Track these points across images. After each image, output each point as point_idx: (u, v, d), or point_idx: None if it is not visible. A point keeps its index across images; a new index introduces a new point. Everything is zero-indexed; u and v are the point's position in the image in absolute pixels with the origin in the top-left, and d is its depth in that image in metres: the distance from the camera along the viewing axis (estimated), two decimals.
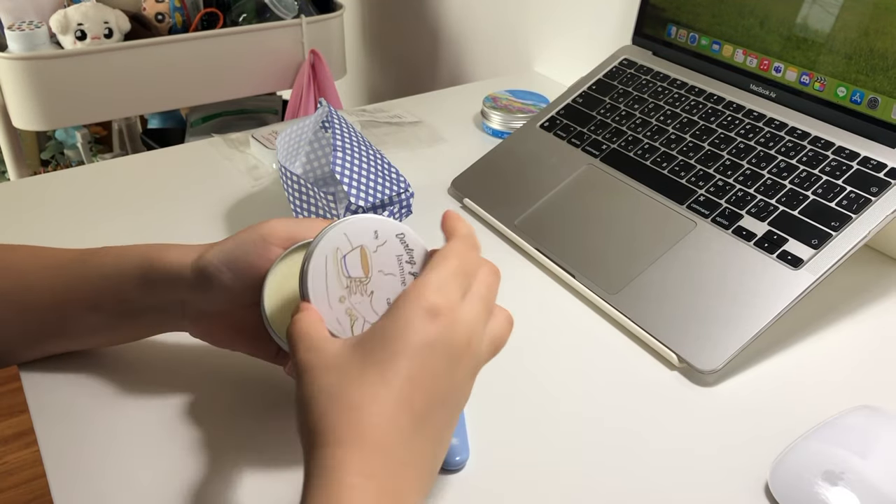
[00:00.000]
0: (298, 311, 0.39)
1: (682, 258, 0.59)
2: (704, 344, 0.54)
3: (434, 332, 0.35)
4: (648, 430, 0.49)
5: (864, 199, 0.56)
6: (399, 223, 0.41)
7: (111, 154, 1.79)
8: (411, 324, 0.35)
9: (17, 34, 1.15)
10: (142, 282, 0.47)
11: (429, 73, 1.44)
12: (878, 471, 0.43)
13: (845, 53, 0.62)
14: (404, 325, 0.35)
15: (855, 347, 0.57)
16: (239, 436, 0.48)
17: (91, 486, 0.45)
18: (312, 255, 0.39)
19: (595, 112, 0.76)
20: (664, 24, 0.78)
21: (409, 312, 0.35)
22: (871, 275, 0.65)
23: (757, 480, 0.45)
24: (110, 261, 0.49)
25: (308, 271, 0.39)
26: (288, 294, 0.45)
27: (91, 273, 0.49)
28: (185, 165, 0.82)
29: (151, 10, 1.26)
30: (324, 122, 0.72)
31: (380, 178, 0.66)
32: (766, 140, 0.65)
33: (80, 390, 0.51)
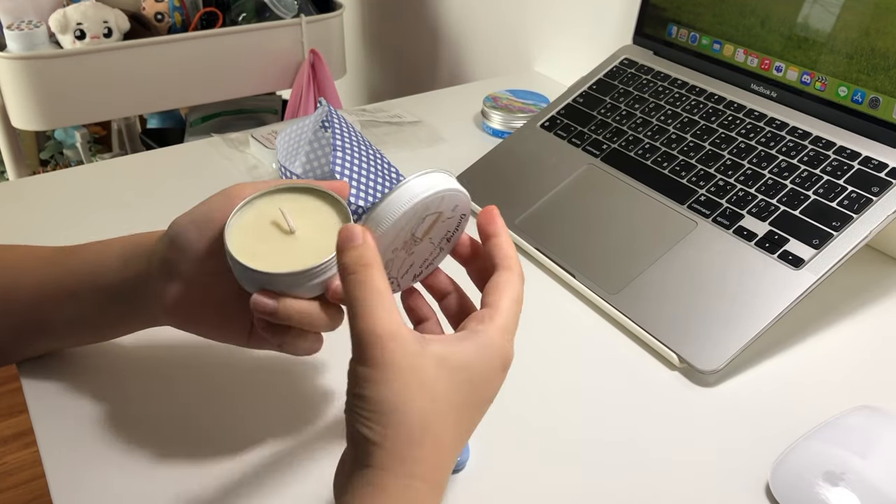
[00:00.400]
0: (362, 242, 0.36)
1: (683, 258, 0.59)
2: (705, 344, 0.54)
3: (502, 382, 0.38)
4: (649, 430, 0.49)
5: (865, 199, 0.56)
6: (469, 202, 0.41)
7: (110, 154, 1.79)
8: (495, 377, 0.38)
9: (17, 34, 1.14)
10: (120, 263, 0.47)
11: (429, 73, 1.43)
12: (878, 471, 0.43)
13: (846, 53, 0.62)
14: (490, 376, 0.37)
15: (856, 347, 0.57)
16: (239, 436, 0.48)
17: (91, 486, 0.44)
18: (415, 201, 0.38)
19: (595, 112, 0.76)
20: (665, 24, 0.78)
21: (494, 362, 0.37)
22: (872, 275, 0.65)
23: (758, 481, 0.45)
24: (94, 247, 0.49)
25: (400, 212, 0.38)
26: (253, 228, 0.43)
27: (73, 262, 0.48)
28: (185, 165, 0.82)
29: (151, 9, 1.26)
30: (324, 121, 0.71)
31: (380, 178, 0.66)
32: (766, 140, 0.65)
33: (80, 390, 0.51)
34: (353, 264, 0.35)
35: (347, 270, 0.35)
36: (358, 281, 0.35)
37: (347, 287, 0.35)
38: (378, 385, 0.34)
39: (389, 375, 0.34)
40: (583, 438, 0.49)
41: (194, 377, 0.52)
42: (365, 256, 0.36)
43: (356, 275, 0.35)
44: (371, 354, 0.34)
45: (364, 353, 0.34)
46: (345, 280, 0.36)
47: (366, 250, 0.36)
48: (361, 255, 0.36)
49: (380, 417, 0.34)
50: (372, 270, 0.35)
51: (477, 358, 0.37)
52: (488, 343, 0.37)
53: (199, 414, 0.50)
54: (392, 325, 0.34)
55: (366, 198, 0.64)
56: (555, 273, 0.64)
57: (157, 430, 0.48)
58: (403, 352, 0.34)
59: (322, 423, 0.49)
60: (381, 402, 0.34)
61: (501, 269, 0.40)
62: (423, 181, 0.39)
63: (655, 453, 0.48)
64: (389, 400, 0.34)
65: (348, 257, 0.36)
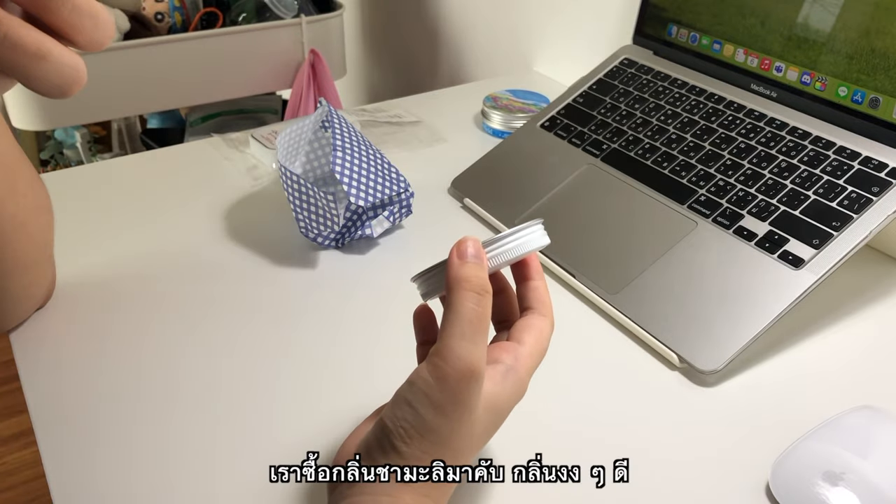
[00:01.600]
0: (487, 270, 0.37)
1: (683, 258, 0.59)
2: (705, 344, 0.54)
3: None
4: (649, 430, 0.49)
5: (865, 199, 0.56)
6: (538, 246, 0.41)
7: (110, 154, 1.79)
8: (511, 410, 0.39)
9: None
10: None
11: (429, 73, 1.43)
12: (878, 471, 0.43)
13: (846, 53, 0.62)
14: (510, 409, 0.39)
15: (856, 348, 0.57)
16: (239, 435, 0.48)
17: (91, 486, 0.44)
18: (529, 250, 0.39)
19: (595, 112, 0.76)
20: (665, 24, 0.78)
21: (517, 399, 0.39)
22: (872, 275, 0.65)
23: (757, 481, 0.45)
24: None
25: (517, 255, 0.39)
26: None
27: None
28: (185, 165, 0.82)
29: (151, 9, 1.26)
30: (323, 121, 0.72)
31: (380, 177, 0.66)
32: (766, 140, 0.65)
33: (80, 390, 0.51)
34: (478, 285, 0.35)
35: (470, 286, 0.35)
36: (477, 303, 0.35)
37: (465, 303, 0.35)
38: (444, 417, 0.34)
39: (458, 415, 0.35)
40: (582, 438, 0.49)
41: (196, 378, 0.52)
42: (486, 283, 0.36)
43: (479, 297, 0.35)
44: (455, 388, 0.34)
45: (451, 383, 0.34)
46: (463, 292, 0.35)
47: (483, 276, 0.36)
48: (484, 280, 0.36)
49: (425, 443, 0.35)
50: (489, 299, 0.36)
51: (509, 398, 0.38)
52: (519, 385, 0.38)
53: (200, 414, 0.50)
54: (483, 364, 0.35)
55: (366, 198, 0.64)
56: (555, 273, 0.64)
57: (158, 431, 0.48)
58: (476, 393, 0.35)
59: (334, 422, 0.49)
60: (433, 433, 0.35)
61: (537, 314, 0.41)
62: (539, 230, 0.40)
63: (655, 453, 0.48)
64: (444, 433, 0.35)
65: (473, 274, 0.36)
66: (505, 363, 0.38)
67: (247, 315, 0.58)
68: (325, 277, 0.63)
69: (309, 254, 0.66)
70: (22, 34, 0.26)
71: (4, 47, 0.26)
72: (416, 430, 0.34)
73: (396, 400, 0.36)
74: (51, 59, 0.27)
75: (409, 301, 0.61)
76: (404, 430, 0.35)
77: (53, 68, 0.27)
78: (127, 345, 0.55)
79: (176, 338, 0.56)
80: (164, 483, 0.45)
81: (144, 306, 0.59)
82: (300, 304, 0.60)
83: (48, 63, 0.27)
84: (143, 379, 0.52)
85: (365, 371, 0.54)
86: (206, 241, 0.67)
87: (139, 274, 0.63)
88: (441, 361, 0.34)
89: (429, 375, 0.34)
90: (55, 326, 0.56)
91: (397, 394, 0.36)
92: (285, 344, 0.56)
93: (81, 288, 0.59)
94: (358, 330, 0.58)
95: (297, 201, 0.65)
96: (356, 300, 0.61)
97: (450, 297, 0.35)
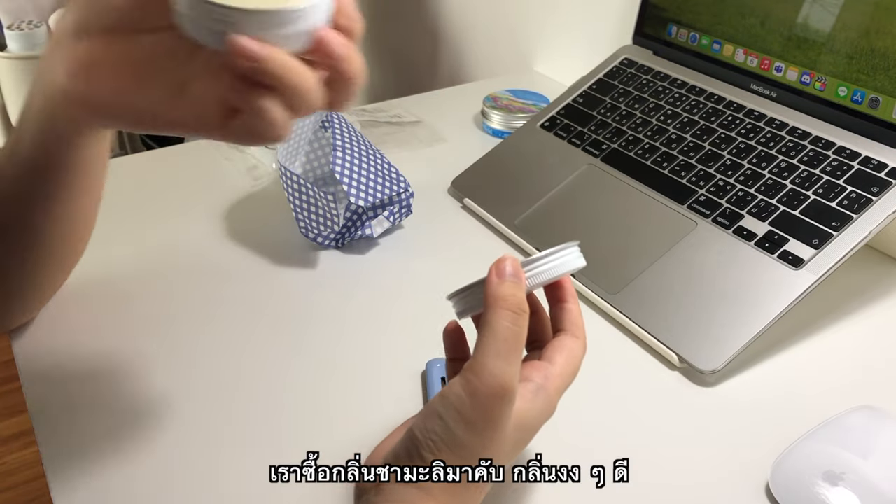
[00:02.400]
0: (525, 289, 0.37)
1: (683, 258, 0.59)
2: (705, 344, 0.54)
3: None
4: (649, 430, 0.49)
5: (864, 199, 0.56)
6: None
7: (110, 153, 1.79)
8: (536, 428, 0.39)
9: (17, 34, 1.15)
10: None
11: (429, 73, 1.43)
12: (878, 471, 0.43)
13: (846, 53, 0.62)
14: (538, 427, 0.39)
15: (856, 347, 0.57)
16: (240, 436, 0.48)
17: (91, 486, 0.44)
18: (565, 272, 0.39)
19: (595, 112, 0.76)
20: (665, 24, 0.78)
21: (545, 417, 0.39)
22: (871, 275, 0.65)
23: (757, 481, 0.45)
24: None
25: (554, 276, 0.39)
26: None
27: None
28: (185, 165, 0.82)
29: None
30: (323, 121, 0.72)
31: (380, 177, 0.66)
32: (766, 140, 0.65)
33: (80, 390, 0.51)
34: (515, 304, 0.36)
35: (508, 305, 0.36)
36: (513, 322, 0.35)
37: (502, 321, 0.35)
38: (474, 433, 0.35)
39: (489, 432, 0.35)
40: (582, 438, 0.49)
41: (196, 377, 0.52)
42: (524, 303, 0.36)
43: (516, 316, 0.35)
44: (487, 405, 0.34)
45: (482, 400, 0.34)
46: (501, 311, 0.35)
47: (522, 295, 0.36)
48: (522, 300, 0.36)
49: (453, 457, 0.35)
50: (525, 319, 0.36)
51: (538, 416, 0.38)
52: (548, 404, 0.39)
53: (200, 414, 0.50)
54: (515, 383, 0.35)
55: (366, 198, 0.64)
56: None
57: (158, 431, 0.48)
58: (507, 412, 0.35)
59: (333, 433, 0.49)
60: (462, 448, 0.35)
61: (570, 336, 0.41)
62: (575, 252, 0.40)
63: (655, 453, 0.48)
64: (473, 449, 0.35)
65: (511, 293, 0.36)
66: (535, 381, 0.38)
67: (247, 315, 0.58)
68: (325, 277, 0.63)
69: (309, 254, 0.66)
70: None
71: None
72: (445, 444, 0.35)
73: (428, 412, 0.36)
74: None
75: (408, 301, 0.61)
76: (433, 442, 0.35)
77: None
78: (127, 344, 0.55)
79: (175, 337, 0.56)
80: (165, 483, 0.45)
81: (144, 306, 0.59)
82: (300, 304, 0.60)
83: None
84: (142, 378, 0.52)
85: (365, 371, 0.54)
86: (206, 241, 0.67)
87: (139, 274, 0.63)
88: (474, 378, 0.34)
89: (461, 391, 0.35)
90: (55, 326, 0.56)
91: (429, 405, 0.36)
92: (285, 344, 0.56)
93: (81, 287, 0.59)
94: (358, 330, 0.58)
95: (297, 201, 0.65)
96: (356, 300, 0.61)
97: (487, 314, 0.36)
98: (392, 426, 0.43)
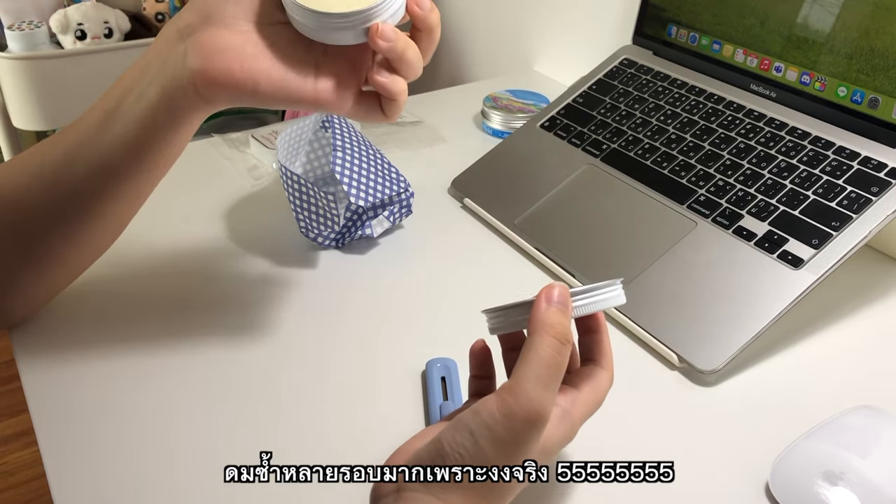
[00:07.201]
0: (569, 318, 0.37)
1: (683, 258, 0.59)
2: (705, 344, 0.54)
3: None
4: (649, 429, 0.49)
5: (864, 199, 0.56)
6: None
7: None
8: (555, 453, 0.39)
9: (17, 34, 1.15)
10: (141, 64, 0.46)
11: (429, 73, 1.43)
12: (878, 471, 0.43)
13: (846, 53, 0.62)
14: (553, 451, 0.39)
15: (855, 347, 0.57)
16: (240, 435, 0.48)
17: (91, 486, 0.44)
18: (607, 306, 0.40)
19: (595, 112, 0.76)
20: (664, 24, 0.78)
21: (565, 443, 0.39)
22: (871, 275, 0.65)
23: (757, 480, 0.45)
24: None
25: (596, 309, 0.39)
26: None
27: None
28: (185, 165, 0.81)
29: (151, 9, 1.26)
30: (324, 121, 0.72)
31: (380, 177, 0.66)
32: (766, 140, 0.65)
33: (80, 390, 0.51)
34: (562, 333, 0.36)
35: (555, 333, 0.36)
36: (558, 352, 0.36)
37: (547, 349, 0.35)
38: (502, 454, 0.35)
39: (517, 453, 0.35)
40: (582, 438, 0.48)
41: (194, 377, 0.52)
42: (570, 333, 0.36)
43: (562, 346, 0.36)
44: (520, 428, 0.35)
45: (516, 423, 0.34)
46: (548, 338, 0.36)
47: (567, 324, 0.37)
48: (567, 331, 0.36)
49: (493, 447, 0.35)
50: (569, 349, 0.36)
51: (560, 441, 0.38)
52: (571, 431, 0.39)
53: (199, 413, 0.50)
54: (550, 411, 0.35)
55: (366, 198, 0.64)
56: (554, 273, 0.64)
57: (158, 430, 0.48)
58: (538, 437, 0.35)
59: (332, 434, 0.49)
60: (490, 465, 0.35)
61: (598, 366, 0.41)
62: (619, 288, 0.40)
63: (655, 453, 0.48)
64: (498, 467, 0.35)
65: (559, 322, 0.36)
66: (562, 406, 0.38)
67: (246, 315, 0.58)
68: (325, 277, 0.63)
69: (309, 254, 0.66)
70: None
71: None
72: (472, 459, 0.35)
73: (457, 425, 0.36)
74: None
75: (408, 301, 0.61)
76: (460, 455, 0.35)
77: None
78: (126, 344, 0.55)
79: (175, 337, 0.56)
80: (165, 483, 0.45)
81: (144, 306, 0.59)
82: (299, 303, 0.60)
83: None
84: (142, 378, 0.52)
85: (365, 371, 0.54)
86: (206, 240, 0.67)
87: (138, 274, 0.63)
88: (512, 399, 0.35)
89: (496, 410, 0.35)
90: (55, 326, 0.56)
91: (459, 419, 0.36)
92: (285, 344, 0.56)
93: (81, 287, 0.59)
94: (358, 330, 0.58)
95: (297, 201, 0.65)
96: (356, 300, 0.61)
97: (532, 338, 0.36)
98: (392, 426, 0.43)
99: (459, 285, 0.62)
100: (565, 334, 0.36)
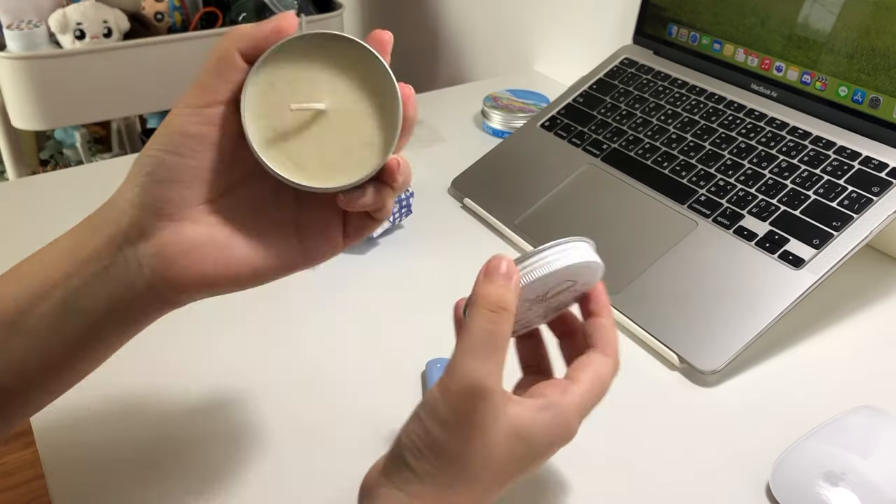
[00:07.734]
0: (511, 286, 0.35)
1: (683, 258, 0.59)
2: (705, 344, 0.54)
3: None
4: (649, 430, 0.49)
5: (865, 199, 0.56)
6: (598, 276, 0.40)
7: (110, 154, 1.78)
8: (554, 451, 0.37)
9: (17, 34, 1.14)
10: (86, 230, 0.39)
11: (429, 73, 1.43)
12: (879, 471, 0.43)
13: (847, 53, 0.62)
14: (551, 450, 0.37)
15: (856, 347, 0.57)
16: (240, 436, 0.48)
17: (90, 486, 0.44)
18: (574, 262, 0.37)
19: (596, 112, 0.76)
20: (665, 24, 0.78)
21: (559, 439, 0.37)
22: (872, 275, 0.65)
23: (758, 481, 0.45)
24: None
25: (557, 268, 0.37)
26: (267, 113, 0.36)
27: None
28: None
29: (150, 9, 1.26)
30: None
31: None
32: (767, 140, 0.65)
33: (80, 390, 0.51)
34: (493, 302, 0.35)
35: (485, 303, 0.35)
36: (489, 321, 0.34)
37: (476, 319, 0.34)
38: (450, 433, 0.34)
39: (465, 431, 0.34)
40: (581, 438, 0.48)
41: (194, 377, 0.52)
42: (506, 300, 0.35)
43: (493, 314, 0.34)
44: (459, 403, 0.34)
45: (453, 398, 0.34)
46: (476, 309, 0.35)
47: (509, 294, 0.35)
48: (503, 298, 0.35)
49: (435, 459, 0.34)
50: (506, 317, 0.35)
51: (545, 433, 0.36)
52: (561, 422, 0.37)
53: (199, 414, 0.50)
54: (491, 381, 0.34)
55: None
56: None
57: (158, 431, 0.48)
58: (486, 412, 0.34)
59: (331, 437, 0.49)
60: (444, 449, 0.34)
61: (599, 353, 0.40)
62: (584, 246, 0.39)
63: (655, 453, 0.47)
64: (452, 451, 0.34)
65: (491, 291, 0.35)
66: (548, 397, 0.37)
67: (246, 314, 0.58)
68: (326, 277, 0.63)
69: None
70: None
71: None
72: (425, 445, 0.34)
73: (412, 415, 0.35)
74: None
75: (408, 301, 0.61)
76: (414, 443, 0.34)
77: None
78: (128, 344, 0.55)
79: (174, 337, 0.56)
80: (165, 482, 0.45)
81: None
82: (299, 303, 0.60)
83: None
84: (142, 378, 0.52)
85: (365, 371, 0.54)
86: None
87: None
88: (447, 377, 0.34)
89: (435, 390, 0.34)
90: None
91: (414, 409, 0.36)
92: (284, 343, 0.56)
93: None
94: (357, 330, 0.57)
95: None
96: (356, 300, 0.61)
97: (467, 314, 0.35)
98: (392, 426, 0.43)
99: (460, 285, 0.62)
100: (497, 301, 0.35)
